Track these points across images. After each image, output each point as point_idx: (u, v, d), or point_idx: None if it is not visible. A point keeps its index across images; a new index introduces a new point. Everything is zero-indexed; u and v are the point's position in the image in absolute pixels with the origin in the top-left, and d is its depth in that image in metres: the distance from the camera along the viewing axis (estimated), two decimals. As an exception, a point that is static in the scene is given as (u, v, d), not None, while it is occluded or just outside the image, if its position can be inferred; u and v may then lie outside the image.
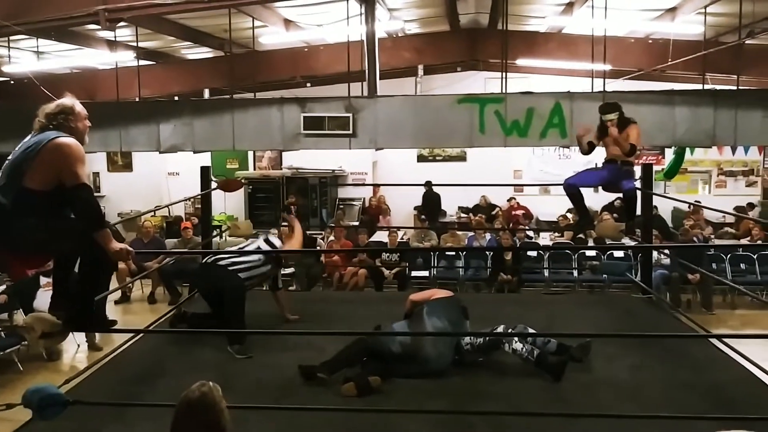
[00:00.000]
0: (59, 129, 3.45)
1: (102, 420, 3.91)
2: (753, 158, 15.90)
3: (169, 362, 4.99)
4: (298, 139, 7.73)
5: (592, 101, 7.38)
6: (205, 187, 7.25)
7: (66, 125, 3.49)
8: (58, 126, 3.47)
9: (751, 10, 8.64)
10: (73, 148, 3.39)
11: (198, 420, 2.44)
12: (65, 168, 3.36)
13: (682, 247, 10.42)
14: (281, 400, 4.26)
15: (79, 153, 3.41)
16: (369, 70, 7.92)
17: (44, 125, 3.48)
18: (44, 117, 3.50)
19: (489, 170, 13.94)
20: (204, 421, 2.43)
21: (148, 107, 8.41)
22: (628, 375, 4.66)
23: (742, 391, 4.37)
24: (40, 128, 3.48)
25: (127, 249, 3.53)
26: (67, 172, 3.36)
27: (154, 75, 12.24)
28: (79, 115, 3.58)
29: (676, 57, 10.82)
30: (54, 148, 3.37)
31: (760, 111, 7.27)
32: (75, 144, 3.42)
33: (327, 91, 11.86)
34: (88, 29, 10.09)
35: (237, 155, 15.60)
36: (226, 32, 9.72)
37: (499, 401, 4.24)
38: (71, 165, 3.36)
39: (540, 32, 12.46)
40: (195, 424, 2.44)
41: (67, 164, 3.36)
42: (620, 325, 5.91)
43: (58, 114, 3.50)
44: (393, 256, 10.95)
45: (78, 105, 3.60)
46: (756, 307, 9.98)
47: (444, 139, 7.89)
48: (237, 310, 5.28)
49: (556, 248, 11.53)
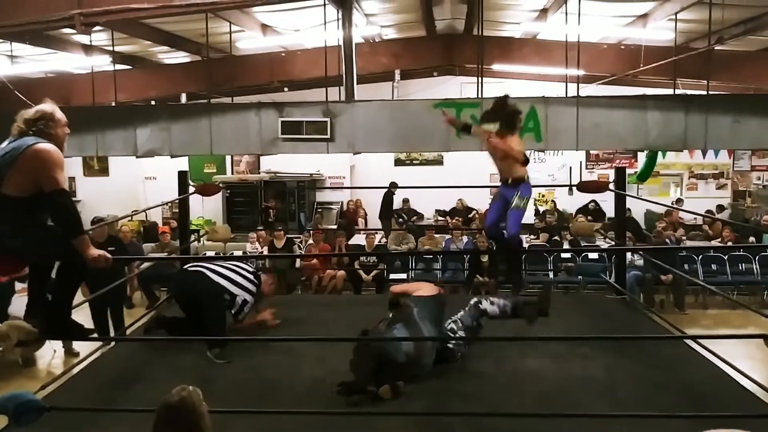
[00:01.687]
0: (39, 135, 3.43)
1: (79, 426, 3.88)
2: (723, 161, 16.22)
3: (147, 367, 4.97)
4: (276, 144, 7.74)
5: (566, 106, 7.49)
6: (183, 192, 7.23)
7: (45, 131, 3.47)
8: (38, 132, 3.44)
9: (720, 16, 8.82)
10: (52, 154, 3.39)
11: (177, 424, 2.43)
12: (44, 174, 3.35)
13: (655, 248, 10.60)
14: (262, 404, 4.26)
15: (58, 159, 3.40)
16: (346, 74, 7.96)
17: (23, 131, 3.45)
18: (23, 122, 3.47)
19: (466, 174, 14.01)
20: (184, 425, 2.43)
21: (124, 112, 8.37)
22: (603, 375, 4.72)
23: (714, 389, 4.45)
24: (19, 133, 3.46)
25: (105, 255, 3.53)
26: (46, 178, 3.35)
27: (131, 79, 12.18)
28: (59, 122, 3.57)
29: (647, 62, 11.01)
30: (33, 154, 3.36)
31: (730, 115, 7.42)
32: (54, 150, 3.41)
33: (305, 95, 11.91)
34: (63, 33, 10.02)
35: (215, 159, 15.55)
36: (203, 37, 9.70)
37: (476, 402, 4.29)
38: (50, 171, 3.35)
39: (515, 38, 12.61)
40: (174, 428, 2.43)
41: (46, 170, 3.35)
42: (595, 326, 5.99)
43: (38, 120, 3.48)
44: (371, 258, 11.00)
45: (58, 111, 3.58)
46: (727, 307, 10.15)
47: (421, 143, 7.96)
48: (216, 315, 5.28)
49: (532, 250, 11.64)
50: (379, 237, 12.66)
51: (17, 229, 3.39)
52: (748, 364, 5.80)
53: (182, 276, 5.73)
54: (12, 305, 7.64)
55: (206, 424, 2.47)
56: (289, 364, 4.83)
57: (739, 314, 9.71)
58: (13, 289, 7.86)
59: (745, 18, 9.54)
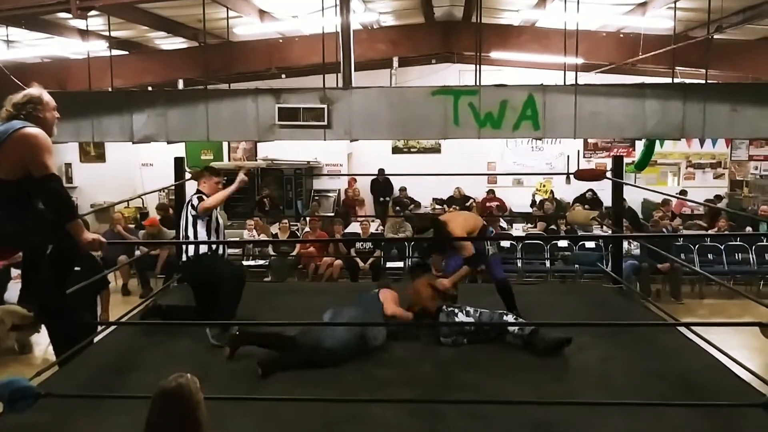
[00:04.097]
0: (27, 119, 3.42)
1: (75, 412, 3.89)
2: (721, 151, 16.22)
3: (143, 354, 4.98)
4: (273, 130, 7.69)
5: (564, 94, 7.45)
6: (179, 178, 7.21)
7: (34, 115, 3.45)
8: (27, 116, 3.43)
9: (719, 5, 8.78)
10: (39, 138, 3.37)
11: (173, 411, 2.41)
12: (32, 159, 3.33)
13: (651, 236, 10.62)
14: (257, 391, 4.27)
15: (46, 143, 3.38)
16: (344, 61, 7.90)
17: (12, 115, 3.44)
18: (11, 106, 3.46)
19: (463, 162, 14.04)
20: (179, 412, 2.41)
21: (120, 97, 8.30)
22: (599, 363, 4.74)
23: (709, 378, 4.47)
24: (7, 117, 3.44)
25: (99, 239, 3.52)
26: (35, 162, 3.33)
27: (128, 65, 12.10)
28: (48, 105, 3.55)
29: (646, 51, 10.98)
30: (20, 138, 3.34)
31: (728, 104, 7.38)
32: (42, 134, 3.39)
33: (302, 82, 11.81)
34: (60, 18, 9.95)
35: (211, 146, 15.51)
36: (200, 22, 9.63)
37: (470, 390, 4.31)
38: (38, 155, 3.33)
39: (514, 25, 12.55)
40: (170, 415, 2.42)
41: (34, 155, 3.33)
42: (591, 315, 6.01)
43: (26, 104, 3.46)
44: (367, 245, 11.00)
45: (46, 95, 3.56)
46: (723, 297, 10.19)
47: (419, 130, 7.90)
48: (233, 299, 5.30)
49: (529, 239, 11.66)
50: (376, 225, 12.65)
51: (9, 214, 3.37)
52: (744, 353, 5.85)
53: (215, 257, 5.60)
54: (8, 291, 7.61)
55: (202, 413, 2.45)
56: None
57: (735, 304, 9.75)
58: (8, 276, 7.83)
59: (744, 7, 9.51)
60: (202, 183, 5.80)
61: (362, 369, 4.65)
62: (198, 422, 2.43)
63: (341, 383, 4.45)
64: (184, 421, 2.42)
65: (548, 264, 11.12)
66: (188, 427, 2.42)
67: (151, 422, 2.44)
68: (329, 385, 4.41)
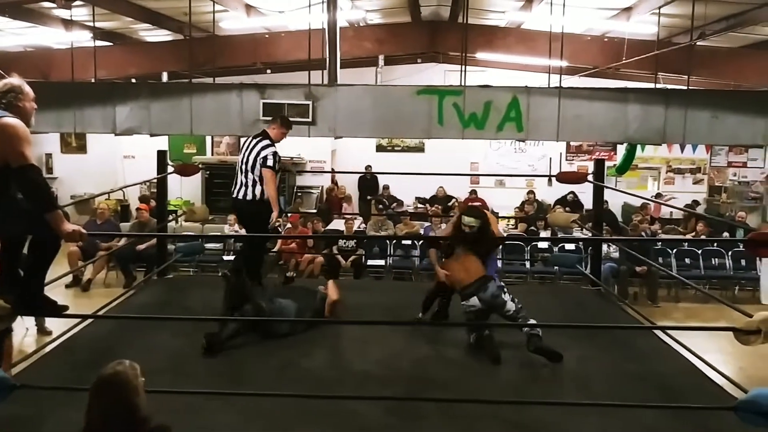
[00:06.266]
0: (7, 109, 3.42)
1: (50, 405, 3.86)
2: (700, 156, 16.39)
3: (122, 347, 4.93)
4: (257, 125, 7.65)
5: (548, 96, 7.51)
6: (162, 171, 7.18)
7: (14, 104, 3.45)
8: (7, 105, 3.43)
9: (703, 12, 8.88)
10: (18, 128, 3.36)
11: (108, 397, 2.44)
12: (10, 149, 3.32)
13: (630, 240, 10.72)
14: (236, 386, 4.27)
15: (24, 134, 3.37)
16: (330, 58, 7.90)
17: None
18: None
19: (447, 162, 14.07)
20: (116, 399, 2.43)
21: (104, 88, 8.24)
22: (576, 365, 4.79)
23: (684, 381, 4.54)
24: None
25: (80, 230, 3.50)
26: (13, 153, 3.32)
27: (111, 56, 12.01)
28: (27, 96, 3.55)
29: (630, 56, 11.07)
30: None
31: (709, 111, 7.48)
32: (20, 125, 3.38)
33: (287, 78, 11.81)
34: (44, 7, 9.86)
35: (195, 140, 15.43)
36: (186, 15, 9.58)
37: (449, 388, 4.34)
38: (16, 146, 3.32)
39: (499, 27, 12.60)
40: (107, 402, 2.44)
41: (12, 145, 3.32)
42: (570, 316, 6.06)
43: (7, 92, 3.46)
44: (349, 243, 10.99)
45: (26, 85, 3.56)
46: (699, 301, 10.31)
47: (403, 129, 7.93)
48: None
49: (510, 239, 11.71)
50: (358, 223, 12.65)
51: None
52: (718, 357, 5.93)
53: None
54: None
55: (140, 398, 2.46)
56: (263, 346, 4.84)
57: (710, 308, 9.85)
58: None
59: (727, 14, 9.62)
60: (272, 128, 5.91)
61: (341, 365, 4.67)
62: (134, 408, 2.44)
63: (321, 379, 4.46)
64: (119, 407, 2.43)
65: (528, 265, 11.19)
66: (123, 414, 2.43)
67: (89, 410, 2.45)
68: (308, 380, 4.42)
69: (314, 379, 4.46)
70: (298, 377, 4.45)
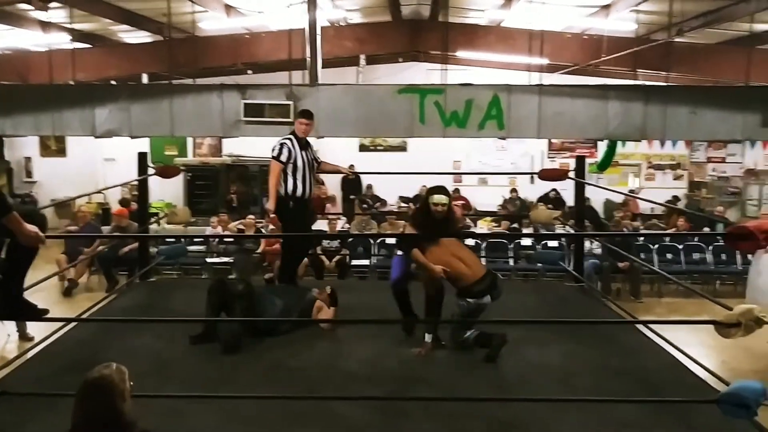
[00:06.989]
0: None
1: (32, 411, 3.81)
2: (680, 152, 16.55)
3: (105, 351, 4.89)
4: (239, 126, 7.65)
5: (529, 94, 7.55)
6: (143, 173, 7.12)
7: None
8: None
9: (680, 8, 8.97)
10: None
11: (93, 401, 2.43)
12: None
13: (612, 235, 10.80)
14: (220, 388, 4.25)
15: None
16: (311, 58, 7.90)
17: None
18: None
19: (429, 161, 14.05)
20: (101, 403, 2.42)
21: (83, 90, 8.17)
22: (559, 360, 4.81)
23: (667, 375, 4.57)
24: None
25: (37, 232, 3.40)
26: None
27: (90, 58, 11.91)
28: None
29: (609, 53, 11.16)
30: None
31: (688, 107, 7.56)
32: None
33: (268, 78, 11.79)
34: (20, 9, 9.74)
35: (176, 142, 15.34)
36: (165, 16, 9.52)
37: (433, 386, 4.34)
38: None
39: (480, 25, 12.64)
40: (92, 406, 2.43)
41: None
42: (553, 313, 6.09)
43: None
44: (333, 243, 10.97)
45: None
46: (681, 295, 10.39)
47: (385, 128, 7.93)
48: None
49: (493, 237, 11.76)
50: (342, 223, 12.64)
51: None
52: (700, 350, 5.99)
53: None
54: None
55: (125, 402, 2.46)
56: (248, 346, 4.82)
57: (692, 303, 9.93)
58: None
59: (704, 11, 9.72)
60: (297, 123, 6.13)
61: (327, 365, 4.65)
62: (119, 412, 2.43)
63: (305, 379, 4.44)
64: (103, 411, 2.42)
65: (512, 262, 11.23)
66: (108, 418, 2.42)
67: (74, 413, 2.44)
68: (293, 381, 4.40)
69: (301, 379, 4.45)
70: (284, 378, 4.44)
